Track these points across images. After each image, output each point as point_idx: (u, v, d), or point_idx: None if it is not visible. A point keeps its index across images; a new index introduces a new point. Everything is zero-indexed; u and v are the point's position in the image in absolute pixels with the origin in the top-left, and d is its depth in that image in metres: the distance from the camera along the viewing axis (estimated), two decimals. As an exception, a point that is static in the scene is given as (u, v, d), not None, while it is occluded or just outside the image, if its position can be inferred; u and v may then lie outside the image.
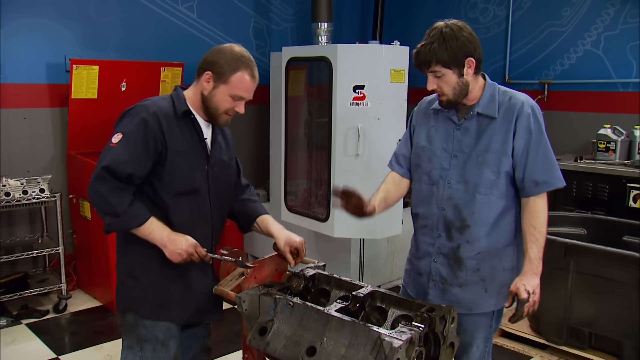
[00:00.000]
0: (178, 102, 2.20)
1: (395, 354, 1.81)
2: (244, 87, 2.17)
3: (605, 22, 5.04)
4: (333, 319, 1.99)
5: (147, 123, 2.09)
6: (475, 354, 2.40)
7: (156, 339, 2.22)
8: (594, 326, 3.58)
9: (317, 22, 5.07)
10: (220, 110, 2.20)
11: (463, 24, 2.20)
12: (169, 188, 2.17)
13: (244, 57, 2.17)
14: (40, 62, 4.61)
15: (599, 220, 4.04)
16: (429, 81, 2.21)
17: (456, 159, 2.30)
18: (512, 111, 2.22)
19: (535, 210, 2.23)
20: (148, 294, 2.23)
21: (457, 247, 2.32)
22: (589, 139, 4.91)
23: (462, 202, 2.29)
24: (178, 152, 2.16)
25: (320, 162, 4.49)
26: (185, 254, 2.13)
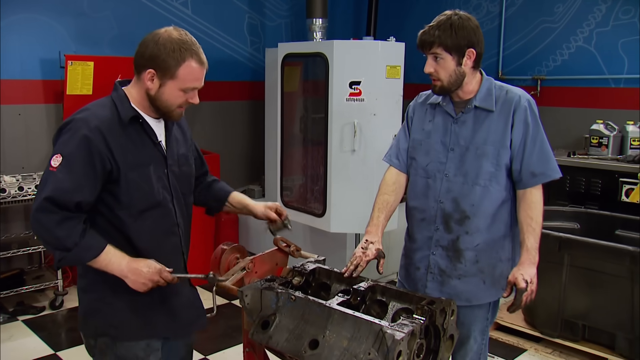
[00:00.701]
0: (122, 107, 1.94)
1: (398, 346, 1.83)
2: (193, 77, 1.94)
3: (597, 18, 5.09)
4: (335, 312, 2.01)
5: (89, 141, 1.84)
6: (473, 347, 2.44)
7: (136, 357, 2.06)
8: (587, 319, 3.64)
9: (312, 18, 5.10)
10: (173, 107, 1.97)
11: (472, 17, 2.26)
12: (128, 207, 1.95)
13: (186, 43, 1.92)
14: (35, 58, 4.60)
15: (592, 214, 4.09)
16: (427, 63, 2.26)
17: (453, 152, 2.34)
18: (509, 104, 2.26)
19: (532, 201, 2.27)
20: (126, 317, 2.04)
21: (456, 239, 2.35)
22: (581, 134, 4.97)
23: (461, 194, 2.32)
24: (131, 165, 1.94)
25: (316, 158, 4.51)
26: (149, 282, 1.95)
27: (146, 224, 2.01)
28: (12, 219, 4.65)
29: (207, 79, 2.08)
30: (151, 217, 2.01)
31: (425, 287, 2.44)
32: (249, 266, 2.41)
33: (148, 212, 2.00)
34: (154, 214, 2.02)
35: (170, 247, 2.12)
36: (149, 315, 2.08)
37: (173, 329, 2.17)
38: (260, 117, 5.67)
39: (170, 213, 2.09)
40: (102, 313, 2.04)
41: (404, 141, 2.53)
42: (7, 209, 4.53)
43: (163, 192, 2.04)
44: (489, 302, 2.41)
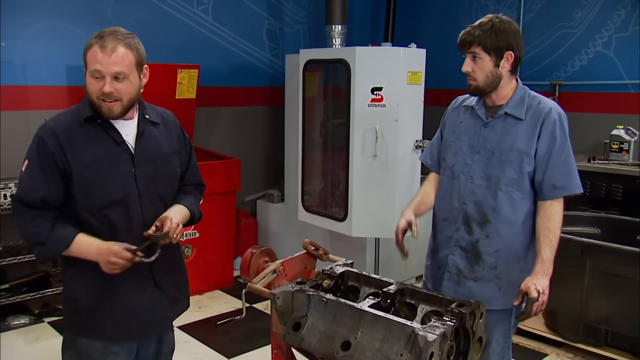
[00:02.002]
0: (82, 109, 2.03)
1: (430, 348, 1.86)
2: (94, 60, 1.94)
3: (616, 23, 5.10)
4: (367, 314, 2.04)
5: (43, 141, 1.98)
6: (496, 350, 2.46)
7: (91, 356, 2.12)
8: (609, 324, 3.64)
9: (331, 24, 5.13)
10: (93, 98, 1.98)
11: (513, 22, 2.31)
12: (87, 205, 2.03)
13: (100, 33, 1.98)
14: (60, 65, 4.68)
15: (613, 219, 4.11)
16: (465, 63, 2.31)
17: (479, 155, 2.38)
18: (539, 115, 2.30)
19: (551, 213, 2.29)
20: (82, 315, 2.12)
21: (476, 241, 2.39)
22: (600, 140, 4.97)
23: (484, 197, 2.36)
24: (85, 164, 2.00)
25: (337, 163, 4.56)
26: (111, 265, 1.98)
27: (106, 221, 2.06)
28: (37, 223, 4.73)
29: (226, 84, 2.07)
30: (110, 215, 2.06)
31: (441, 286, 2.49)
32: (279, 269, 2.46)
33: (107, 210, 2.05)
34: (113, 212, 2.06)
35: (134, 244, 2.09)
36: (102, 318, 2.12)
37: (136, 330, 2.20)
38: (279, 123, 5.72)
39: (133, 212, 2.09)
40: (69, 308, 2.17)
41: (436, 142, 2.62)
42: (33, 212, 4.60)
43: (126, 190, 2.07)
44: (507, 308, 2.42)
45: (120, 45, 1.97)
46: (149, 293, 2.18)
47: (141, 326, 2.20)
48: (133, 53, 2.00)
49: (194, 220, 2.35)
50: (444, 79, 5.74)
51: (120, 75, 1.97)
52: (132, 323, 2.17)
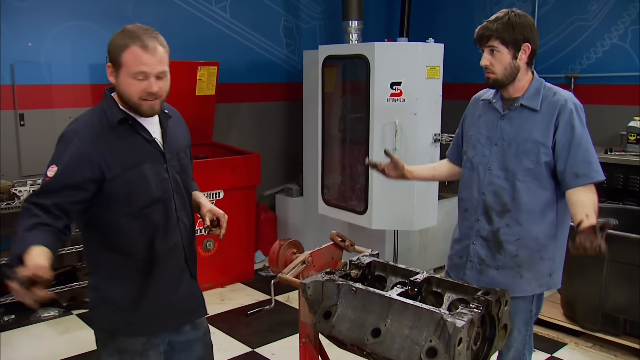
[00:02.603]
0: (110, 112, 2.01)
1: (459, 334, 1.93)
2: (138, 61, 1.91)
3: (632, 15, 5.12)
4: (395, 302, 2.11)
5: (81, 151, 1.93)
6: (517, 338, 2.51)
7: (135, 351, 2.14)
8: (628, 313, 3.68)
9: (348, 20, 5.20)
10: (134, 98, 1.97)
11: (528, 15, 2.36)
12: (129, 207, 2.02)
13: (132, 32, 1.94)
14: (84, 63, 4.79)
15: (630, 210, 4.14)
16: (483, 57, 2.36)
17: (497, 147, 2.44)
18: (554, 106, 2.34)
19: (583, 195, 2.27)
20: (122, 314, 2.11)
21: (496, 230, 2.45)
22: (617, 132, 5.00)
23: (502, 187, 2.42)
24: (126, 166, 2.00)
25: (356, 157, 4.63)
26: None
27: (147, 221, 2.07)
28: (63, 218, 4.85)
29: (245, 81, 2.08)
30: (151, 213, 2.07)
31: (464, 275, 2.55)
32: (308, 260, 2.53)
33: (148, 209, 2.06)
34: (153, 210, 2.08)
35: (172, 241, 2.16)
36: (148, 313, 2.14)
37: (173, 321, 2.23)
38: (296, 118, 5.80)
39: (170, 207, 2.13)
40: (104, 310, 2.13)
41: (457, 137, 2.70)
42: (59, 208, 4.72)
43: (161, 188, 2.09)
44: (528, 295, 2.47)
45: (158, 44, 1.96)
46: (185, 283, 2.24)
47: (180, 316, 2.25)
48: (167, 50, 2.01)
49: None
50: (460, 73, 5.79)
51: (163, 74, 1.98)
52: (171, 314, 2.20)
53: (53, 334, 4.10)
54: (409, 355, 1.99)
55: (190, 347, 2.37)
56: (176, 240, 2.16)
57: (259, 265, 5.51)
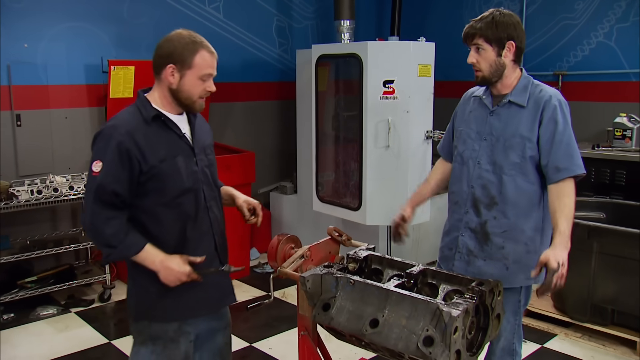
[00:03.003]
0: (145, 110, 2.19)
1: (454, 323, 2.01)
2: (207, 64, 2.16)
3: (617, 14, 5.24)
4: (393, 294, 2.18)
5: (121, 144, 2.09)
6: (506, 327, 2.60)
7: (167, 337, 2.28)
8: (616, 303, 3.79)
9: (340, 19, 5.28)
10: (195, 97, 2.19)
11: (514, 14, 2.45)
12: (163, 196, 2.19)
13: (196, 37, 2.17)
14: (79, 64, 4.83)
15: (617, 204, 4.26)
16: (470, 55, 2.45)
17: (486, 142, 2.53)
18: (539, 102, 2.43)
19: (562, 192, 2.39)
20: (156, 301, 2.26)
21: (484, 223, 2.54)
22: (603, 128, 5.12)
23: (490, 181, 2.51)
24: (161, 158, 2.17)
25: (349, 154, 4.71)
26: (177, 281, 2.18)
27: (179, 210, 2.24)
28: (59, 218, 4.90)
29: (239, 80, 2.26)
30: (183, 202, 2.24)
31: (453, 266, 2.64)
32: (307, 254, 2.60)
33: (180, 198, 2.23)
34: (185, 200, 2.24)
35: (202, 229, 2.31)
36: (179, 299, 2.28)
37: (204, 307, 2.38)
38: (289, 116, 5.87)
39: (200, 197, 2.30)
40: (139, 298, 2.30)
41: (448, 133, 2.79)
42: (57, 207, 4.77)
43: (192, 179, 2.26)
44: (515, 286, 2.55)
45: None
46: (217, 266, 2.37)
47: (210, 303, 2.40)
48: None
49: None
50: (450, 71, 5.88)
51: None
52: (202, 302, 2.35)
53: (52, 331, 4.15)
54: (407, 344, 2.07)
55: (213, 336, 2.50)
56: (206, 228, 2.32)
57: (254, 263, 5.57)
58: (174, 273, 2.17)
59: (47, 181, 4.31)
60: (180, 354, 2.32)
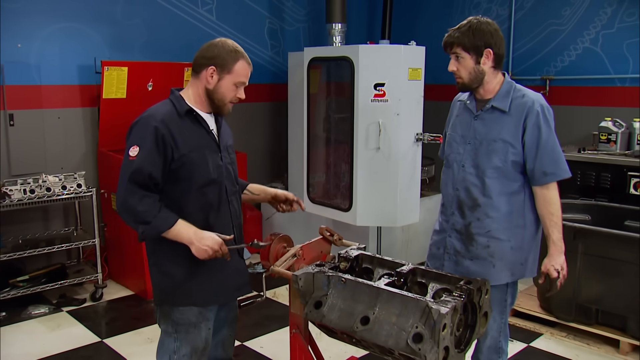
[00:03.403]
0: (179, 104, 2.36)
1: (443, 320, 2.07)
2: (245, 73, 2.39)
3: (603, 20, 5.34)
4: (383, 292, 2.25)
5: (157, 130, 2.25)
6: (493, 326, 2.68)
7: (189, 322, 2.43)
8: (600, 303, 3.88)
9: (332, 22, 5.33)
10: (227, 100, 2.39)
11: (492, 22, 2.52)
12: (190, 183, 2.35)
13: (238, 47, 2.39)
14: (72, 65, 4.85)
15: (602, 206, 4.34)
16: (450, 63, 2.54)
17: (470, 146, 2.60)
18: (522, 108, 2.50)
19: (549, 198, 2.52)
20: (178, 286, 2.41)
21: (468, 224, 2.62)
22: (589, 131, 5.22)
23: (473, 184, 2.59)
24: (191, 148, 2.33)
25: (340, 156, 4.76)
26: (211, 250, 2.30)
27: (203, 198, 2.39)
28: (51, 217, 4.92)
29: None
30: (207, 192, 2.40)
31: (442, 266, 2.71)
32: (299, 253, 2.66)
33: (205, 188, 2.39)
34: (209, 190, 2.40)
35: (223, 220, 2.47)
36: (197, 287, 2.43)
37: (223, 295, 2.54)
38: (281, 118, 5.92)
39: (222, 190, 2.46)
40: (164, 284, 2.44)
41: (444, 137, 2.85)
42: (47, 206, 4.79)
43: (217, 172, 2.42)
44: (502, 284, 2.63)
45: None
46: (234, 261, 2.52)
47: (229, 291, 2.56)
48: None
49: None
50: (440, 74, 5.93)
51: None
52: (221, 289, 2.50)
53: (44, 330, 4.17)
54: (397, 340, 2.13)
55: (221, 327, 2.64)
56: (227, 219, 2.49)
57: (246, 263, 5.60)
58: (208, 243, 2.28)
59: (39, 180, 4.34)
60: (202, 340, 2.47)
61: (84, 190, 4.48)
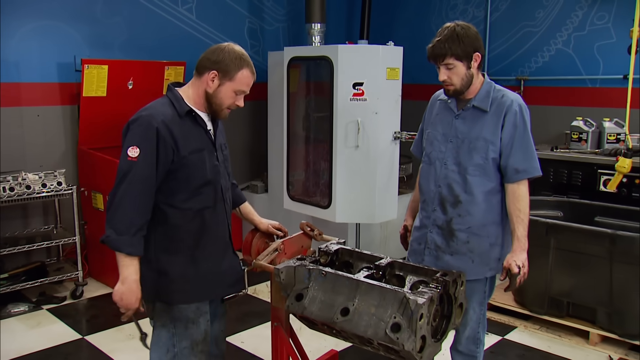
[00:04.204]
0: (178, 104, 2.33)
1: (420, 310, 2.15)
2: (246, 82, 2.36)
3: (574, 23, 5.50)
4: (362, 284, 2.31)
5: (159, 132, 2.23)
6: (472, 317, 2.77)
7: (187, 318, 2.41)
8: (571, 296, 4.00)
9: (311, 22, 5.40)
10: (224, 106, 2.36)
11: (471, 25, 2.58)
12: (187, 184, 2.33)
13: (244, 55, 2.35)
14: (52, 62, 4.84)
15: (573, 203, 4.48)
16: (441, 72, 2.57)
17: (451, 144, 2.68)
18: (502, 107, 2.59)
19: (519, 195, 2.60)
20: (175, 284, 2.38)
21: (450, 220, 2.70)
22: (562, 130, 5.37)
23: (455, 181, 2.67)
24: (190, 150, 2.32)
25: (319, 154, 4.83)
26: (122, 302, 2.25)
27: (199, 197, 2.39)
28: (31, 215, 4.90)
29: None
30: (203, 192, 2.39)
31: (423, 261, 2.79)
32: (280, 247, 2.72)
33: (202, 189, 2.39)
34: (205, 190, 2.40)
35: (218, 219, 2.49)
36: (199, 281, 2.43)
37: (220, 290, 2.55)
38: (261, 117, 5.97)
39: (218, 188, 2.47)
40: (159, 282, 2.39)
41: (420, 134, 2.93)
42: (27, 204, 4.78)
43: (213, 172, 2.43)
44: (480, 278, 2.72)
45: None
46: (228, 257, 2.55)
47: (224, 286, 2.56)
48: None
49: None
50: (418, 74, 6.07)
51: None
52: (217, 284, 2.51)
53: (24, 328, 4.16)
54: (375, 330, 2.20)
55: (213, 324, 2.62)
56: (222, 217, 2.50)
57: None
58: (127, 300, 2.24)
59: (19, 178, 4.32)
60: (201, 333, 2.47)
61: (64, 188, 4.48)
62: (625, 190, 4.51)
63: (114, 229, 2.20)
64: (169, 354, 2.43)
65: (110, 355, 3.79)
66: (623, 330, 3.80)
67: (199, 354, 2.47)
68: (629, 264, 3.67)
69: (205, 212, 2.41)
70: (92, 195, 4.81)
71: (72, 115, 4.99)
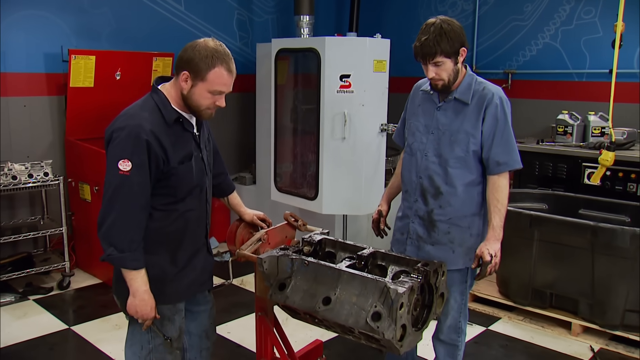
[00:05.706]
0: (166, 111, 2.23)
1: (400, 299, 2.17)
2: (221, 82, 2.17)
3: (562, 17, 5.53)
4: (344, 273, 2.34)
5: (150, 145, 2.14)
6: (454, 306, 2.81)
7: (163, 316, 2.38)
8: (554, 287, 4.05)
9: (300, 14, 5.40)
10: (202, 107, 2.23)
11: (453, 19, 2.59)
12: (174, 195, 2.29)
13: (218, 52, 2.15)
14: (39, 52, 4.82)
15: (558, 196, 4.52)
16: (429, 70, 2.56)
17: (433, 135, 2.71)
18: (483, 100, 2.62)
19: (498, 186, 2.63)
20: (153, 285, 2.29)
21: (431, 211, 2.73)
22: (548, 124, 5.41)
23: (436, 172, 2.70)
24: (179, 159, 2.25)
25: (307, 146, 4.85)
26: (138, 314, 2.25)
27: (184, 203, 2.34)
28: (17, 205, 4.89)
29: None
30: (189, 196, 2.36)
31: (405, 250, 2.82)
32: (264, 237, 2.74)
33: (190, 195, 2.36)
34: (194, 194, 2.38)
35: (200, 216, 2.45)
36: (175, 284, 2.39)
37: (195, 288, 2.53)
38: (249, 108, 5.97)
39: (203, 190, 2.43)
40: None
41: (402, 123, 2.95)
42: (13, 195, 4.76)
43: (199, 176, 2.38)
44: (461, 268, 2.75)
45: (235, 68, 2.24)
46: (202, 257, 2.52)
47: (199, 285, 2.53)
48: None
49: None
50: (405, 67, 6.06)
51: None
52: (193, 283, 2.48)
53: (10, 319, 4.16)
54: (357, 319, 2.23)
55: (199, 317, 2.66)
56: (202, 217, 2.46)
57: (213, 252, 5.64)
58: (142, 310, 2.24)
59: (5, 169, 4.32)
60: (176, 329, 2.45)
61: (51, 179, 4.47)
62: (609, 184, 4.56)
63: (114, 246, 2.13)
64: (144, 350, 2.40)
65: (96, 345, 3.80)
66: (604, 320, 3.85)
67: (174, 350, 2.46)
68: (610, 256, 3.72)
69: (189, 214, 2.37)
70: (79, 186, 4.81)
71: (59, 106, 4.98)
